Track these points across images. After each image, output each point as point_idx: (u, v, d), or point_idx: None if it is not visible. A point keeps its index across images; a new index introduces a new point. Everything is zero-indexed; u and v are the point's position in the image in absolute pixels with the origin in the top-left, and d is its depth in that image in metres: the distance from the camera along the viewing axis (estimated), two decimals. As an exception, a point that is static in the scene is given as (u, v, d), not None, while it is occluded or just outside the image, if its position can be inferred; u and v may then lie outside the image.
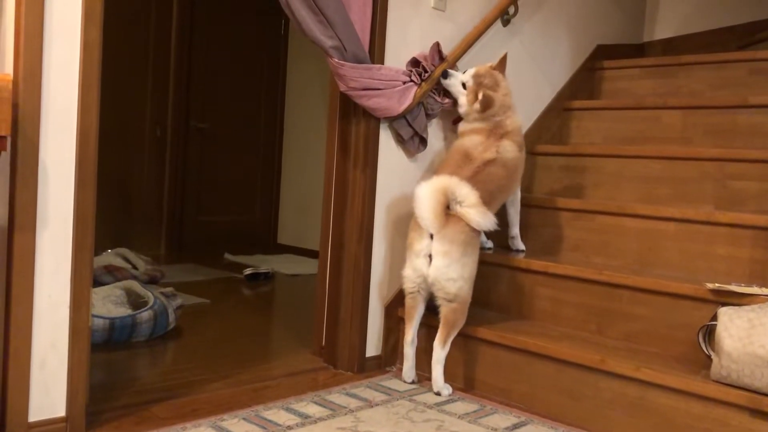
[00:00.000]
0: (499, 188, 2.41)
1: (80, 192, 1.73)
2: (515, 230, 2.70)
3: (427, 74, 2.46)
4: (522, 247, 2.71)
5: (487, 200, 2.29)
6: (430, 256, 2.22)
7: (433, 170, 2.61)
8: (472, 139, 2.43)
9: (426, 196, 2.19)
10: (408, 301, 2.34)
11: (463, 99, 2.49)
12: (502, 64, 2.53)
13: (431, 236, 2.21)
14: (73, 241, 1.73)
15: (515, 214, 2.69)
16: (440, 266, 2.20)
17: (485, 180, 2.34)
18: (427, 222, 2.19)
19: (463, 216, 2.21)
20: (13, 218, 1.62)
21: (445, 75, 2.50)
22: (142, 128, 4.89)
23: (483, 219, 2.22)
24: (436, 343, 2.26)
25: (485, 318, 2.47)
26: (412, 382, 2.35)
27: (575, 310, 2.38)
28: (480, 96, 2.42)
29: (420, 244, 2.24)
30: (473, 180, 2.30)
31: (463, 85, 2.50)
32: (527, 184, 3.13)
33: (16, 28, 1.61)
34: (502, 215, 2.69)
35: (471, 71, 2.51)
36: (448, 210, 2.22)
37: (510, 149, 2.43)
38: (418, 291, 2.30)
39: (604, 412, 2.04)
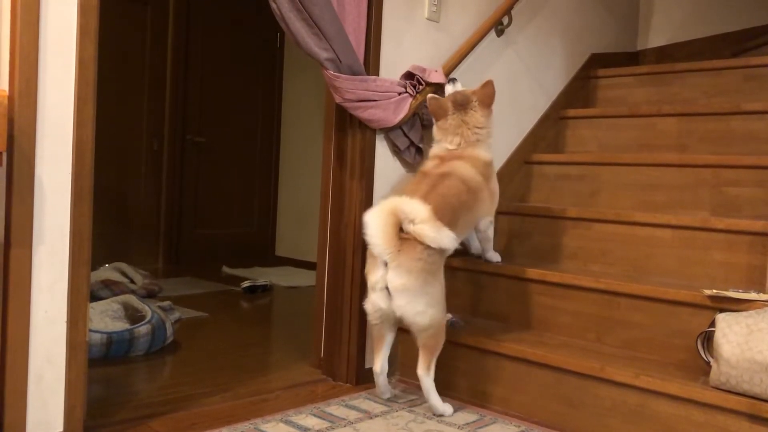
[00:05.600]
0: (461, 204, 2.22)
1: (77, 206, 1.73)
2: (488, 255, 2.59)
3: (421, 86, 2.48)
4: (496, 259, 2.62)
5: (448, 215, 2.13)
6: (387, 288, 2.05)
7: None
8: (428, 163, 2.37)
9: (374, 220, 2.02)
10: (374, 332, 2.22)
11: None
12: (483, 89, 2.36)
13: (386, 264, 2.04)
14: (69, 255, 1.73)
15: (488, 243, 2.55)
16: (403, 304, 2.04)
17: (445, 193, 2.18)
18: (379, 248, 2.01)
19: (417, 235, 2.02)
20: (10, 233, 1.62)
21: (451, 80, 2.49)
22: (139, 142, 4.90)
23: (438, 234, 2.03)
24: (421, 372, 2.12)
25: (484, 328, 2.47)
26: (389, 399, 2.27)
27: (574, 318, 2.37)
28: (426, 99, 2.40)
29: (375, 275, 2.07)
30: (432, 193, 2.16)
31: None
32: (523, 193, 3.14)
33: (12, 44, 1.62)
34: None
35: (457, 88, 2.43)
36: (402, 233, 2.05)
37: (464, 167, 2.28)
38: (382, 322, 2.17)
39: (604, 420, 2.03)
